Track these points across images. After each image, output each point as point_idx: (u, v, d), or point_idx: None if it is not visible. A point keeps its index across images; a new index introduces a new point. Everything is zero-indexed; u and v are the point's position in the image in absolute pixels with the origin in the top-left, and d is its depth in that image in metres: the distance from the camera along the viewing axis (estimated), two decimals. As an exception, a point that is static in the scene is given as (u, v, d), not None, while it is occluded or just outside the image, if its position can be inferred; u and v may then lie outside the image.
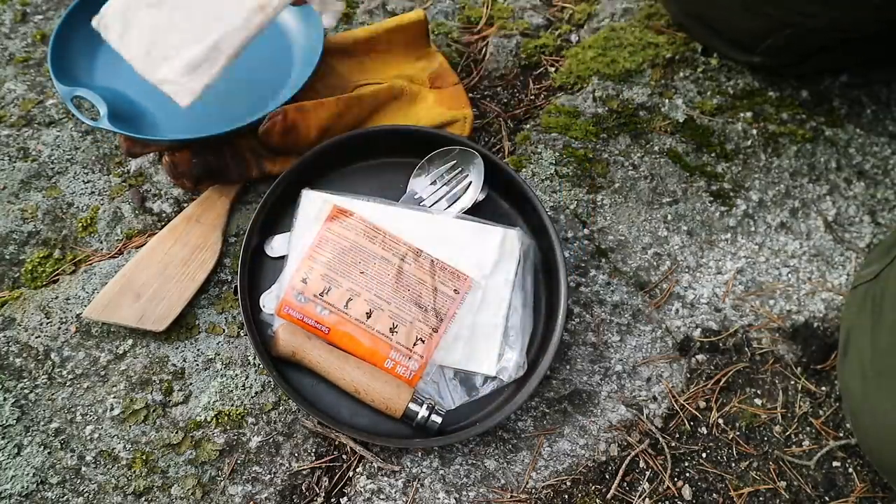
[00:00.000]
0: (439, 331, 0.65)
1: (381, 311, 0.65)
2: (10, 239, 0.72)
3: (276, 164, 0.74)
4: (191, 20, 0.67)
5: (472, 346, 0.66)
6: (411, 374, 0.64)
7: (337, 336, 0.64)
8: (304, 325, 0.64)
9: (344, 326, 0.64)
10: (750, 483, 0.67)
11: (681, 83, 0.89)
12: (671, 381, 0.71)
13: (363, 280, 0.65)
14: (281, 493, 0.62)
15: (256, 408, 0.65)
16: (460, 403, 0.65)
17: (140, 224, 0.74)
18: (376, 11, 0.91)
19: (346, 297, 0.65)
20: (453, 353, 0.66)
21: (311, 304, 0.64)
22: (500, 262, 0.68)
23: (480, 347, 0.66)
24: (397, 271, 0.66)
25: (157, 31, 0.67)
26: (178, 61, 0.66)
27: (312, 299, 0.64)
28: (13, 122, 0.79)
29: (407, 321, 0.65)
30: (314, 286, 0.65)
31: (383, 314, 0.65)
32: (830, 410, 0.71)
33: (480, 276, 0.67)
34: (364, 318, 0.65)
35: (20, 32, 0.86)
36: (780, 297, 0.76)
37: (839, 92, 0.90)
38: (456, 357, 0.66)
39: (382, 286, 0.65)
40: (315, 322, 0.64)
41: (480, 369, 0.66)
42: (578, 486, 0.65)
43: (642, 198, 0.80)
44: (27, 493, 0.60)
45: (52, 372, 0.65)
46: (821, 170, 0.85)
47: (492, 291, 0.67)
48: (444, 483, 0.64)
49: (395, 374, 0.64)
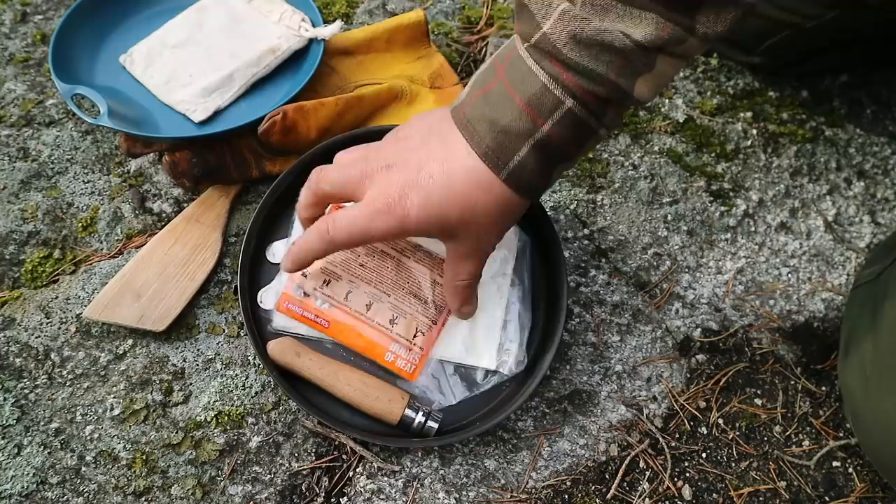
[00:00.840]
0: (438, 322, 0.66)
1: (380, 303, 0.65)
2: (10, 239, 0.72)
3: (276, 164, 0.74)
4: (209, 58, 0.76)
5: (472, 340, 0.66)
6: (412, 367, 0.64)
7: (336, 330, 0.65)
8: (304, 319, 0.64)
9: (344, 319, 0.65)
10: (750, 483, 0.67)
11: (681, 83, 0.89)
12: (671, 381, 0.71)
13: (363, 273, 0.65)
14: (281, 493, 0.62)
15: (256, 408, 0.65)
16: (461, 399, 0.65)
17: (140, 224, 0.74)
18: (376, 11, 0.91)
19: (346, 289, 0.65)
20: (453, 347, 0.66)
21: (311, 298, 0.65)
22: (498, 257, 0.68)
23: (480, 342, 0.66)
24: (396, 264, 0.66)
25: (177, 65, 0.75)
26: (193, 87, 0.74)
27: (312, 292, 0.65)
28: (13, 122, 0.79)
29: (407, 313, 0.65)
30: (314, 279, 0.65)
31: (383, 306, 0.65)
32: (830, 410, 0.71)
33: None
34: (364, 309, 0.65)
35: (20, 32, 0.86)
36: (780, 297, 0.76)
37: (839, 92, 0.90)
38: (456, 352, 0.66)
39: (382, 279, 0.65)
40: (314, 316, 0.64)
41: (480, 363, 0.66)
42: (578, 486, 0.65)
43: (642, 198, 0.80)
44: (27, 493, 0.60)
45: (52, 372, 0.65)
46: (821, 170, 0.85)
47: (490, 286, 0.68)
48: (444, 483, 0.64)
49: (395, 367, 0.64)
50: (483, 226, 0.54)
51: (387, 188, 0.53)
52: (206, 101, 0.73)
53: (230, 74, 0.75)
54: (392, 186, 0.53)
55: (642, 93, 0.49)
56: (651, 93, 0.50)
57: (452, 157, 0.52)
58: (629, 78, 0.48)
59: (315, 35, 0.77)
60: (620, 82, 0.48)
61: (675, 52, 0.48)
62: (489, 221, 0.54)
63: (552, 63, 0.48)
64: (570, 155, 0.52)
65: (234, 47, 0.76)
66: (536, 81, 0.49)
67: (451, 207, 0.52)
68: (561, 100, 0.49)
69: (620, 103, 0.50)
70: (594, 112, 0.50)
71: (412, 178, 0.52)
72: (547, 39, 0.48)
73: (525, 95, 0.49)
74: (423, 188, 0.52)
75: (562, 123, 0.49)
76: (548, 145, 0.50)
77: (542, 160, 0.51)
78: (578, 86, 0.48)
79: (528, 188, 0.52)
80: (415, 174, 0.52)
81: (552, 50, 0.48)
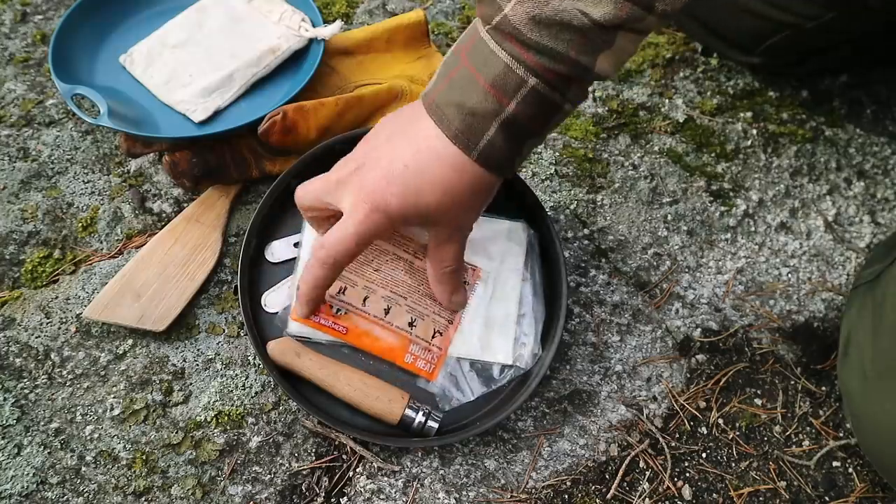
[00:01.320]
0: (454, 322, 0.66)
1: (398, 307, 0.65)
2: (10, 239, 0.72)
3: (276, 164, 0.74)
4: (209, 58, 0.76)
5: (488, 336, 0.66)
6: (432, 367, 0.65)
7: (355, 335, 0.65)
8: (321, 326, 0.64)
9: (363, 325, 0.65)
10: (750, 483, 0.67)
11: (681, 83, 0.89)
12: (671, 381, 0.71)
13: (377, 277, 0.66)
14: (281, 493, 0.62)
15: (256, 408, 0.65)
16: (479, 395, 0.65)
17: (140, 224, 0.74)
18: (376, 11, 0.91)
19: (363, 294, 0.65)
20: (469, 344, 0.66)
21: (327, 306, 0.65)
22: (508, 252, 0.69)
23: (495, 337, 0.67)
24: (409, 266, 0.66)
25: (176, 65, 0.76)
26: (193, 87, 0.75)
27: (328, 300, 0.65)
28: (13, 122, 0.79)
29: (424, 315, 0.66)
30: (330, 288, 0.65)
31: (401, 309, 0.65)
32: (830, 410, 0.71)
33: (491, 266, 0.68)
34: (383, 314, 0.65)
35: (20, 32, 0.86)
36: (780, 297, 0.76)
37: (839, 92, 0.90)
38: (472, 348, 0.66)
39: (397, 282, 0.66)
40: (332, 323, 0.65)
41: (497, 358, 0.66)
42: (578, 486, 0.65)
43: (642, 198, 0.80)
44: (27, 493, 0.60)
45: (52, 372, 0.65)
46: (821, 170, 0.85)
47: (502, 282, 0.68)
48: (444, 483, 0.64)
49: (415, 368, 0.65)
50: (461, 206, 0.56)
51: (363, 189, 0.55)
52: (206, 101, 0.73)
53: (230, 74, 0.75)
54: (368, 185, 0.54)
55: (604, 69, 0.50)
56: (613, 68, 0.51)
57: (424, 144, 0.53)
58: (590, 55, 0.49)
59: (315, 35, 0.77)
60: (581, 60, 0.49)
61: (634, 28, 0.49)
62: (466, 201, 0.55)
63: (513, 44, 0.49)
64: (537, 131, 0.53)
65: (234, 47, 0.76)
66: (499, 62, 0.50)
67: (429, 193, 0.54)
68: (524, 79, 0.50)
69: (582, 79, 0.51)
70: (558, 88, 0.51)
71: (387, 171, 0.54)
72: (507, 21, 0.49)
73: (489, 77, 0.50)
74: (398, 178, 0.53)
75: (526, 101, 0.50)
76: (514, 123, 0.51)
77: (511, 138, 0.52)
78: (540, 65, 0.49)
79: (498, 166, 0.54)
80: (388, 167, 0.54)
81: (513, 31, 0.49)
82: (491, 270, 0.68)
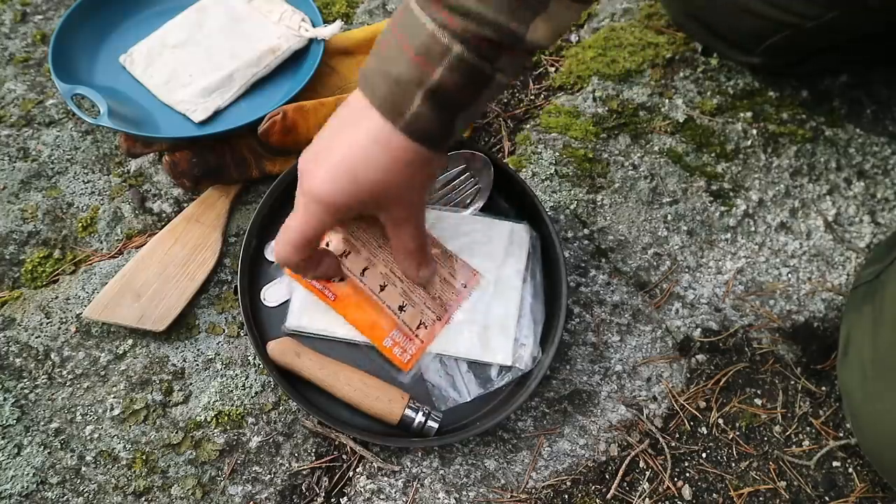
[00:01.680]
0: (442, 320, 0.66)
1: (394, 287, 0.65)
2: (10, 239, 0.72)
3: (276, 164, 0.74)
4: (209, 58, 0.76)
5: (487, 337, 0.66)
6: (408, 357, 0.65)
7: (342, 305, 0.65)
8: (312, 287, 0.65)
9: (353, 297, 0.65)
10: (750, 483, 0.67)
11: (681, 83, 0.89)
12: (671, 381, 0.71)
13: (381, 253, 0.66)
14: (281, 493, 0.62)
15: (256, 408, 0.65)
16: (476, 396, 0.65)
17: (140, 224, 0.74)
18: (376, 11, 0.91)
19: (363, 265, 0.65)
20: (467, 344, 0.66)
21: None
22: (510, 254, 0.69)
23: (495, 338, 0.66)
24: None
25: (176, 65, 0.75)
26: (193, 87, 0.74)
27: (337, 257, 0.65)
28: (13, 122, 0.79)
29: (416, 303, 0.66)
30: (334, 248, 0.65)
31: (395, 290, 0.65)
32: (830, 410, 0.71)
33: (492, 267, 0.68)
34: (378, 289, 0.65)
35: (20, 32, 0.86)
36: (780, 297, 0.76)
37: (839, 92, 0.90)
38: (470, 349, 0.66)
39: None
40: (323, 287, 0.65)
41: (495, 360, 0.66)
42: (578, 486, 0.65)
43: (642, 198, 0.80)
44: (27, 493, 0.60)
45: (52, 372, 0.65)
46: (821, 170, 0.85)
47: (503, 283, 0.68)
48: (444, 483, 0.64)
49: (391, 354, 0.65)
50: (402, 185, 0.53)
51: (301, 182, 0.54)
52: (206, 101, 0.73)
53: (230, 74, 0.75)
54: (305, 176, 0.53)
55: (538, 37, 0.48)
56: (548, 38, 0.49)
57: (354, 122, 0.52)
58: (521, 21, 0.47)
59: (315, 35, 0.77)
60: (511, 26, 0.47)
61: None
62: (406, 179, 0.53)
63: (438, 10, 0.48)
64: (467, 102, 0.51)
65: (234, 47, 0.76)
66: (424, 30, 0.48)
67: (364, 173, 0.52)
68: (449, 46, 0.48)
69: (513, 47, 0.49)
70: (486, 56, 0.48)
71: (320, 156, 0.53)
72: None
73: (415, 45, 0.49)
74: (324, 161, 0.52)
75: (452, 70, 0.48)
76: (441, 93, 0.49)
77: (439, 108, 0.50)
78: (465, 30, 0.47)
79: (428, 138, 0.51)
80: (326, 155, 0.53)
81: None
82: (492, 271, 0.68)
